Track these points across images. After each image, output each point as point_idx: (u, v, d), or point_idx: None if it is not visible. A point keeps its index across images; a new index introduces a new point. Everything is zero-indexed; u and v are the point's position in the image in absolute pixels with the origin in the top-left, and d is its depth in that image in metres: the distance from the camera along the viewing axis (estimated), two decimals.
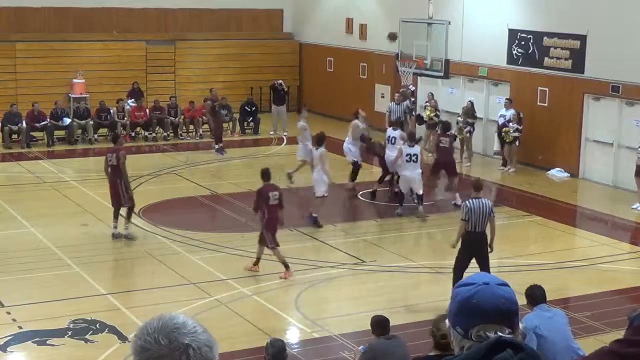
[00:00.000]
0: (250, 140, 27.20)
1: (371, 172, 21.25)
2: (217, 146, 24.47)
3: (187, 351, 2.30)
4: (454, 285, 12.73)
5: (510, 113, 22.82)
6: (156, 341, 2.31)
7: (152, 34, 29.88)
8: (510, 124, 22.43)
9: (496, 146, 23.53)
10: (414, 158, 17.82)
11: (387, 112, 24.49)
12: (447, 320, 2.67)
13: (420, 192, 18.06)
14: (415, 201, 18.29)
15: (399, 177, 18.64)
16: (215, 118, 24.95)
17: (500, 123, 22.96)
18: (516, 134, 22.37)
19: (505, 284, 2.63)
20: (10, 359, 11.36)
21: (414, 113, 23.66)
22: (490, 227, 12.84)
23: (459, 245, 12.98)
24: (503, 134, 22.54)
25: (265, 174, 14.58)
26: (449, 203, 19.18)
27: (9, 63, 27.81)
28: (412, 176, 17.90)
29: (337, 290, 14.20)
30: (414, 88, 25.62)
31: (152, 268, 14.98)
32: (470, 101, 24.21)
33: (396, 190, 19.06)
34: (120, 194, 16.23)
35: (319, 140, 17.60)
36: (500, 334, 2.52)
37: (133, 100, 27.30)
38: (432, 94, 25.03)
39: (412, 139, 18.19)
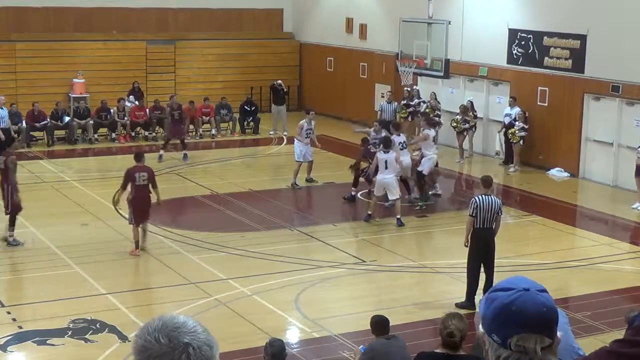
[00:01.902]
0: (250, 140, 27.21)
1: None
2: (184, 152, 23.62)
3: (187, 350, 2.30)
4: (468, 286, 12.77)
5: (515, 111, 22.82)
6: (156, 340, 2.31)
7: (152, 34, 29.89)
8: (517, 123, 22.42)
9: (498, 146, 23.45)
10: (387, 164, 17.43)
11: (379, 111, 24.66)
12: (480, 327, 2.52)
13: (397, 195, 17.67)
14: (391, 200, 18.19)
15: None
16: (171, 125, 23.91)
17: (507, 122, 22.94)
18: (522, 134, 22.37)
19: (545, 290, 2.51)
20: (11, 359, 11.36)
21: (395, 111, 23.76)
22: (495, 225, 12.85)
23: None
24: (510, 135, 22.53)
25: (137, 156, 15.62)
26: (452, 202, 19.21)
27: (9, 63, 27.80)
28: (386, 180, 17.52)
29: (337, 290, 14.19)
30: (417, 88, 25.66)
31: (152, 268, 14.98)
32: (470, 100, 24.24)
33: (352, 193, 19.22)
34: (7, 200, 15.61)
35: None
36: (538, 348, 2.42)
37: (132, 97, 27.32)
38: (434, 93, 25.04)
39: (387, 146, 17.65)
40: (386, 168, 17.41)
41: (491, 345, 2.48)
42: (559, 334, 2.51)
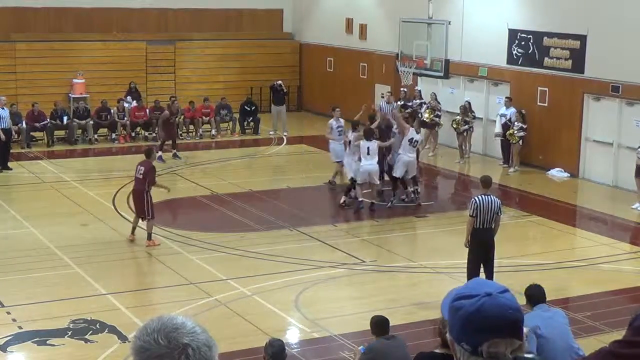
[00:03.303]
0: (250, 140, 27.20)
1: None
2: (174, 151, 23.64)
3: (186, 351, 2.30)
4: None
5: (510, 112, 22.82)
6: (155, 341, 2.31)
7: (152, 34, 29.89)
8: (516, 123, 22.39)
9: (498, 128, 23.24)
10: (369, 151, 18.21)
11: (378, 112, 24.62)
12: (448, 335, 2.53)
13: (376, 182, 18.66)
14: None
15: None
16: (167, 128, 23.70)
17: (501, 122, 22.91)
18: (521, 134, 22.34)
19: (507, 290, 2.50)
20: (10, 359, 11.37)
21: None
22: (494, 225, 12.85)
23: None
24: (508, 136, 22.50)
25: (146, 152, 16.62)
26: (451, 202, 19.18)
27: (9, 63, 27.81)
28: (370, 167, 18.23)
29: (337, 290, 14.19)
30: (419, 89, 25.65)
31: (152, 268, 14.99)
32: (467, 101, 24.21)
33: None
34: None
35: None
36: (508, 352, 2.43)
37: (130, 97, 27.31)
38: (434, 94, 25.02)
39: (368, 135, 18.41)
40: (368, 154, 18.06)
41: (462, 353, 2.48)
42: (525, 329, 2.50)
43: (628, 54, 20.36)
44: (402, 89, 24.74)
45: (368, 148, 18.11)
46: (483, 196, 12.82)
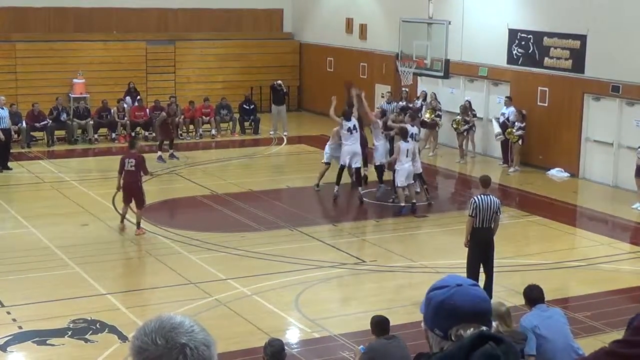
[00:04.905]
0: (250, 140, 27.20)
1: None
2: (171, 151, 23.51)
3: (184, 350, 2.30)
4: None
5: (509, 111, 22.81)
6: (153, 341, 2.31)
7: (152, 34, 29.90)
8: (517, 123, 22.37)
9: (497, 128, 23.22)
10: (408, 153, 18.30)
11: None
12: (423, 324, 2.73)
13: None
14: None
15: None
16: (164, 129, 23.58)
17: (500, 121, 22.92)
18: (520, 133, 22.33)
19: (477, 285, 2.71)
20: (11, 359, 11.36)
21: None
22: (494, 225, 12.84)
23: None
24: (507, 134, 22.50)
25: (129, 143, 16.98)
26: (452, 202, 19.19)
27: (9, 63, 27.81)
28: (412, 168, 18.30)
29: (337, 290, 14.19)
30: (425, 91, 25.64)
31: (152, 268, 14.99)
32: (467, 101, 24.21)
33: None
34: None
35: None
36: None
37: (128, 98, 27.29)
38: (434, 94, 25.02)
39: (404, 136, 18.42)
40: (407, 156, 18.21)
41: (434, 339, 2.68)
42: (494, 323, 2.71)
43: (628, 54, 20.36)
44: (403, 89, 24.74)
45: (407, 150, 18.20)
46: (482, 196, 12.83)
